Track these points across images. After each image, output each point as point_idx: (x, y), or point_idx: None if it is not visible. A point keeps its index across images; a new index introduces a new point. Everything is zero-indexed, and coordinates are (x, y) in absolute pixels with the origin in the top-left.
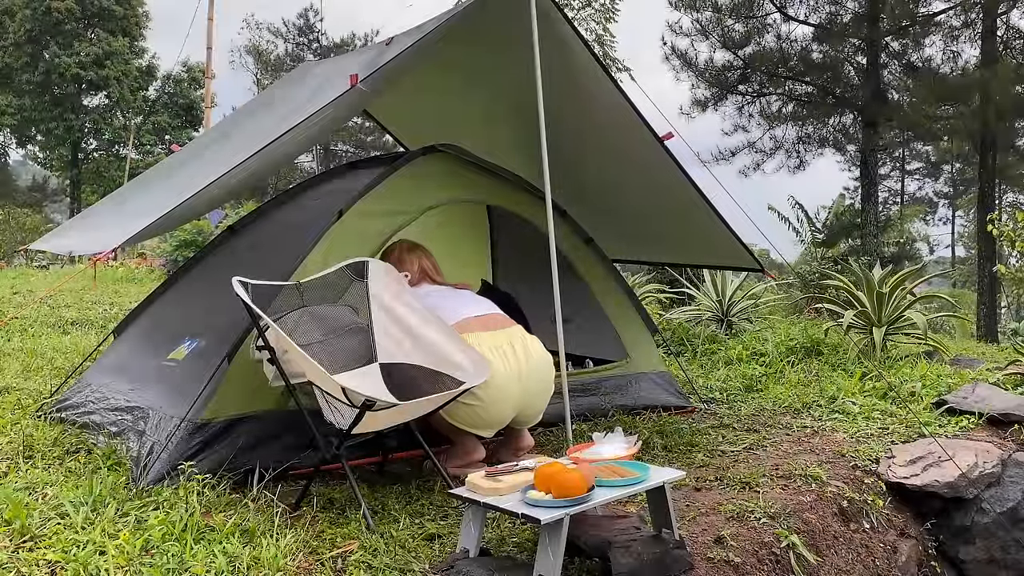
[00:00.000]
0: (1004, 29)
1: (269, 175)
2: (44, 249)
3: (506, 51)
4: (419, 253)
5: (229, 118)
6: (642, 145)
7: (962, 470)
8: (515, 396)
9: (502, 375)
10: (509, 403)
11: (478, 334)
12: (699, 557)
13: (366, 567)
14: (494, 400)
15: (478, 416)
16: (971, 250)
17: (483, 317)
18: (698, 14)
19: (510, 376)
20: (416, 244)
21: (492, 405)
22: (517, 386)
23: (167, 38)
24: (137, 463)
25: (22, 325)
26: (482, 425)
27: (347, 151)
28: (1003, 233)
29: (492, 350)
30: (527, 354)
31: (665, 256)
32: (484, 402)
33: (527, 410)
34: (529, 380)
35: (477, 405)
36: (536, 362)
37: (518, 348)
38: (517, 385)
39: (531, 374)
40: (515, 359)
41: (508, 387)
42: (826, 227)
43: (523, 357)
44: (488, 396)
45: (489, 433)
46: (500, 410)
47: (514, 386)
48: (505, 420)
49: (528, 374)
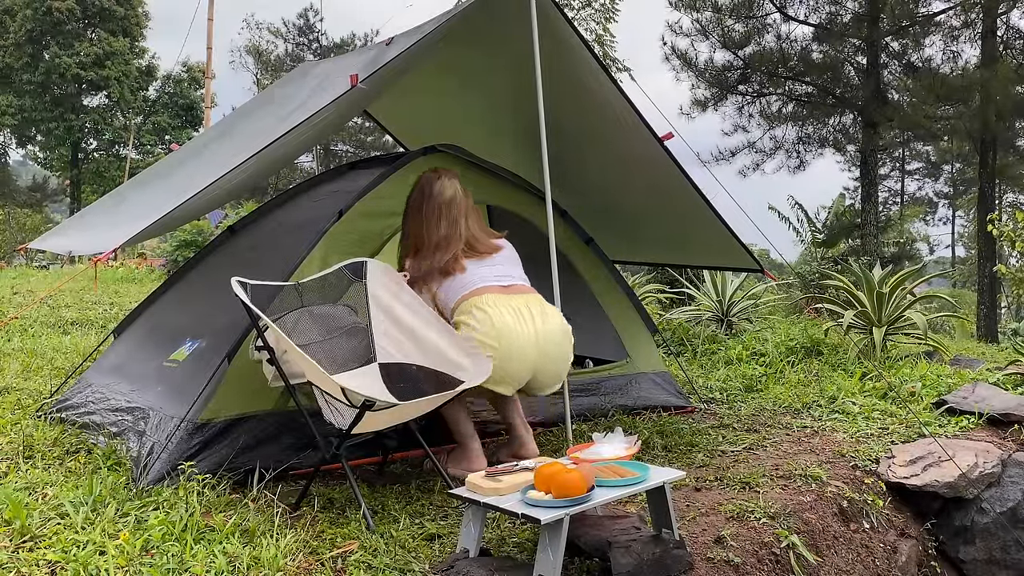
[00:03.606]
0: (1004, 29)
1: (269, 175)
2: (43, 248)
3: (506, 51)
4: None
5: (228, 117)
6: (642, 145)
7: (962, 470)
8: (531, 356)
9: (517, 332)
10: (525, 362)
11: (496, 295)
12: (699, 557)
13: (366, 567)
14: (509, 353)
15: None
16: (971, 250)
17: (505, 286)
18: (698, 14)
19: (525, 335)
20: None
21: (508, 359)
22: (533, 346)
23: (167, 38)
24: (137, 463)
25: (22, 325)
26: (498, 379)
27: (347, 151)
28: (1003, 233)
29: (509, 309)
30: (544, 318)
31: (665, 256)
32: (499, 350)
33: (543, 373)
34: (546, 343)
35: (492, 357)
36: (552, 327)
37: (535, 312)
38: (533, 345)
39: (547, 336)
40: (531, 320)
41: (523, 345)
42: (826, 227)
43: (539, 320)
44: (502, 346)
45: (507, 390)
46: (516, 367)
47: (530, 346)
48: (522, 378)
49: (544, 336)
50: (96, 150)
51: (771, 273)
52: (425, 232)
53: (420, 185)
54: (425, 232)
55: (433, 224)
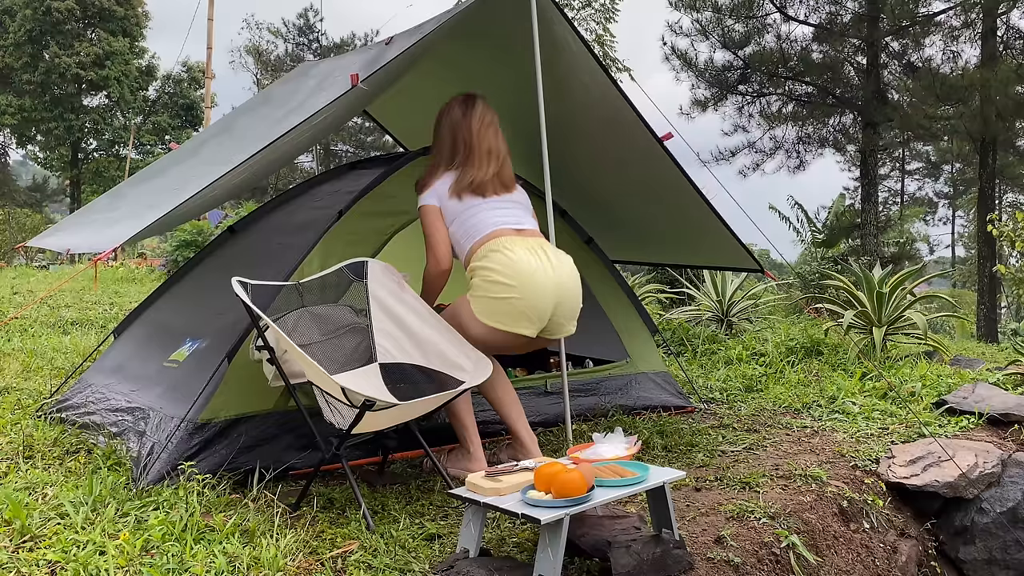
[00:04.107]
0: (1004, 29)
1: (269, 175)
2: (43, 247)
3: (506, 51)
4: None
5: (228, 116)
6: (642, 145)
7: (962, 470)
8: (550, 290)
9: (534, 267)
10: (546, 296)
11: (510, 237)
12: (699, 557)
13: (366, 567)
14: (527, 289)
15: (514, 308)
16: (971, 250)
17: (519, 229)
18: (698, 14)
19: (543, 270)
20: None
21: (530, 295)
22: (551, 281)
23: (167, 38)
24: (137, 463)
25: (22, 325)
26: (523, 319)
27: (347, 151)
28: (1003, 233)
29: (524, 249)
30: (558, 258)
31: (665, 257)
32: (517, 288)
33: (562, 308)
34: (561, 278)
35: (513, 297)
36: (567, 268)
37: (549, 253)
38: (551, 280)
39: (561, 271)
40: (546, 259)
41: (542, 280)
42: (826, 227)
43: (554, 259)
44: (521, 283)
45: (532, 331)
46: (537, 302)
47: (548, 281)
48: (544, 314)
49: (559, 270)
50: (96, 150)
51: (771, 273)
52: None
53: (460, 99)
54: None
55: (479, 134)
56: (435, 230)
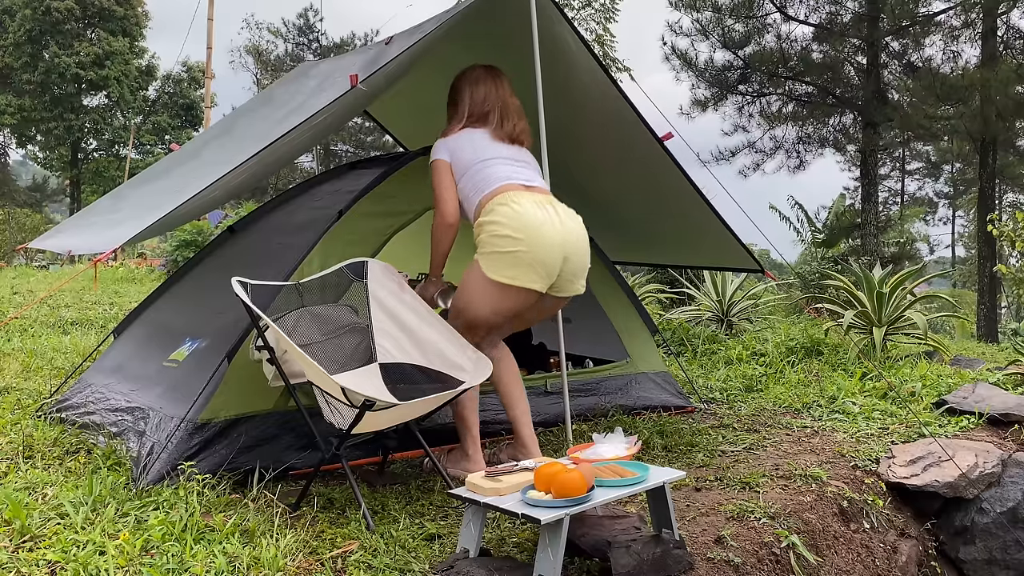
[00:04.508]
0: (1004, 29)
1: (269, 175)
2: (43, 248)
3: (506, 51)
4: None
5: (228, 117)
6: (642, 145)
7: (962, 470)
8: (557, 241)
9: (542, 220)
10: (553, 247)
11: (518, 192)
12: (699, 557)
13: (366, 567)
14: (534, 242)
15: (521, 261)
16: (971, 250)
17: (528, 186)
18: (698, 14)
19: (551, 223)
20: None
21: (534, 248)
22: (559, 234)
23: (167, 38)
24: (137, 463)
25: (22, 325)
26: (532, 272)
27: (347, 151)
28: (1003, 233)
29: (532, 203)
30: (567, 215)
31: (666, 257)
32: (524, 241)
33: (570, 263)
34: (568, 232)
35: (520, 250)
36: (574, 224)
37: (558, 208)
38: (559, 233)
39: (569, 225)
40: (554, 213)
41: (550, 233)
42: (826, 227)
43: (562, 215)
44: (528, 236)
45: (541, 285)
46: (545, 255)
47: (556, 234)
48: (554, 267)
49: (566, 224)
50: (96, 150)
51: (771, 273)
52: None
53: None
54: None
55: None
56: (443, 186)
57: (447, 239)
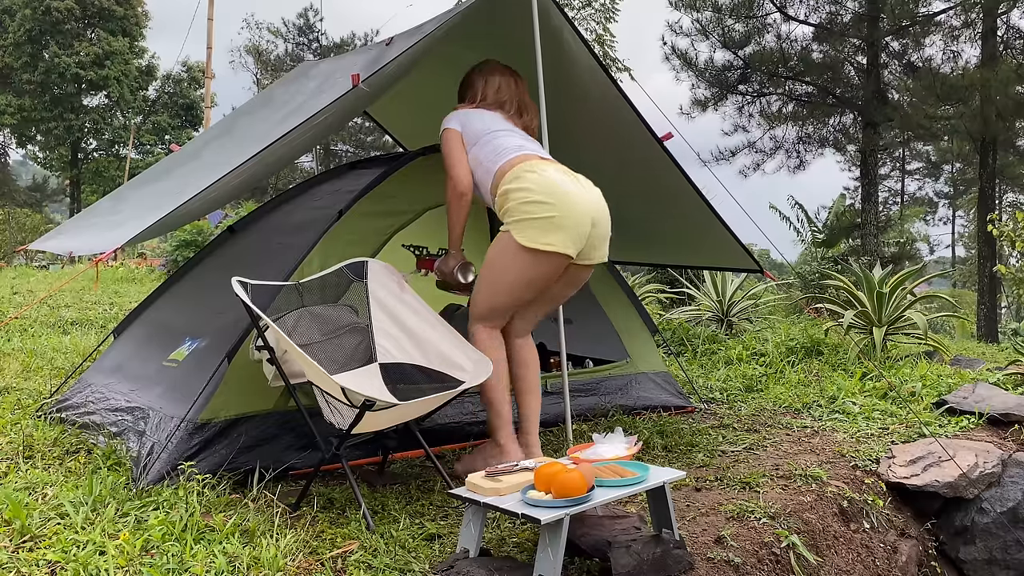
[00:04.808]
0: (1004, 29)
1: (270, 175)
2: (44, 249)
3: (506, 51)
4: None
5: (228, 117)
6: (642, 145)
7: (962, 470)
8: (585, 205)
9: (568, 185)
10: (584, 211)
11: (539, 161)
12: (699, 557)
13: (366, 567)
14: (566, 207)
15: (556, 225)
16: (971, 250)
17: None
18: (698, 14)
19: (575, 189)
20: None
21: (566, 212)
22: (584, 196)
23: (167, 38)
24: (137, 463)
25: (22, 325)
26: (567, 236)
27: (347, 151)
28: (1003, 233)
29: (555, 169)
30: (587, 183)
31: (666, 257)
32: (556, 206)
33: (598, 226)
34: (592, 196)
35: (554, 215)
36: (596, 191)
37: (580, 178)
38: (584, 195)
39: (592, 191)
40: (575, 179)
41: (576, 196)
42: (826, 227)
43: (584, 183)
44: (558, 200)
45: (574, 249)
46: (577, 218)
47: (582, 197)
48: (585, 231)
49: (589, 190)
50: (96, 150)
51: (771, 273)
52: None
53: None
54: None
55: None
56: (453, 155)
57: (462, 209)
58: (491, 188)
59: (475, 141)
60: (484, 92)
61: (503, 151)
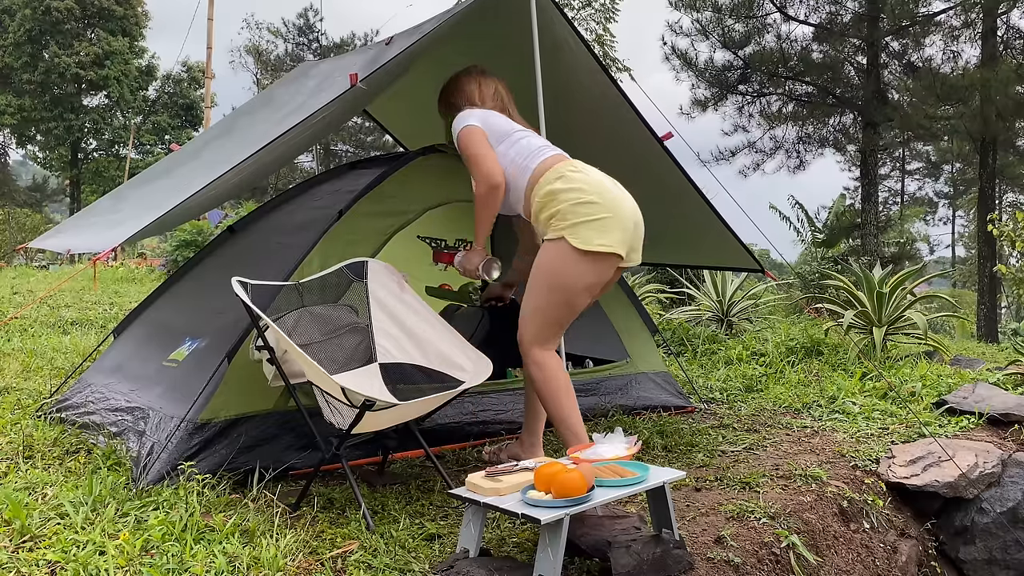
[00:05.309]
0: (1004, 29)
1: (269, 175)
2: (43, 248)
3: (506, 51)
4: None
5: (228, 117)
6: (642, 145)
7: (962, 470)
8: (629, 206)
9: (609, 184)
10: (629, 212)
11: (575, 162)
12: (699, 557)
13: (366, 567)
14: (615, 208)
15: (609, 227)
16: (971, 250)
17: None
18: (698, 14)
19: (616, 189)
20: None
21: (615, 213)
22: (626, 197)
23: (167, 38)
24: (137, 463)
25: (22, 325)
26: (620, 238)
27: (347, 151)
28: (1003, 233)
29: (596, 171)
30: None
31: (666, 257)
32: (605, 206)
33: (639, 229)
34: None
35: (606, 216)
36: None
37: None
38: (625, 197)
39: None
40: (615, 184)
41: (620, 197)
42: (826, 227)
43: (621, 186)
44: (606, 201)
45: (624, 249)
46: (624, 220)
47: (624, 198)
48: (630, 232)
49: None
50: (96, 150)
51: (771, 273)
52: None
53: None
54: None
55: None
56: (481, 149)
57: (494, 201)
58: (527, 187)
59: (502, 139)
60: (481, 96)
61: (536, 149)
